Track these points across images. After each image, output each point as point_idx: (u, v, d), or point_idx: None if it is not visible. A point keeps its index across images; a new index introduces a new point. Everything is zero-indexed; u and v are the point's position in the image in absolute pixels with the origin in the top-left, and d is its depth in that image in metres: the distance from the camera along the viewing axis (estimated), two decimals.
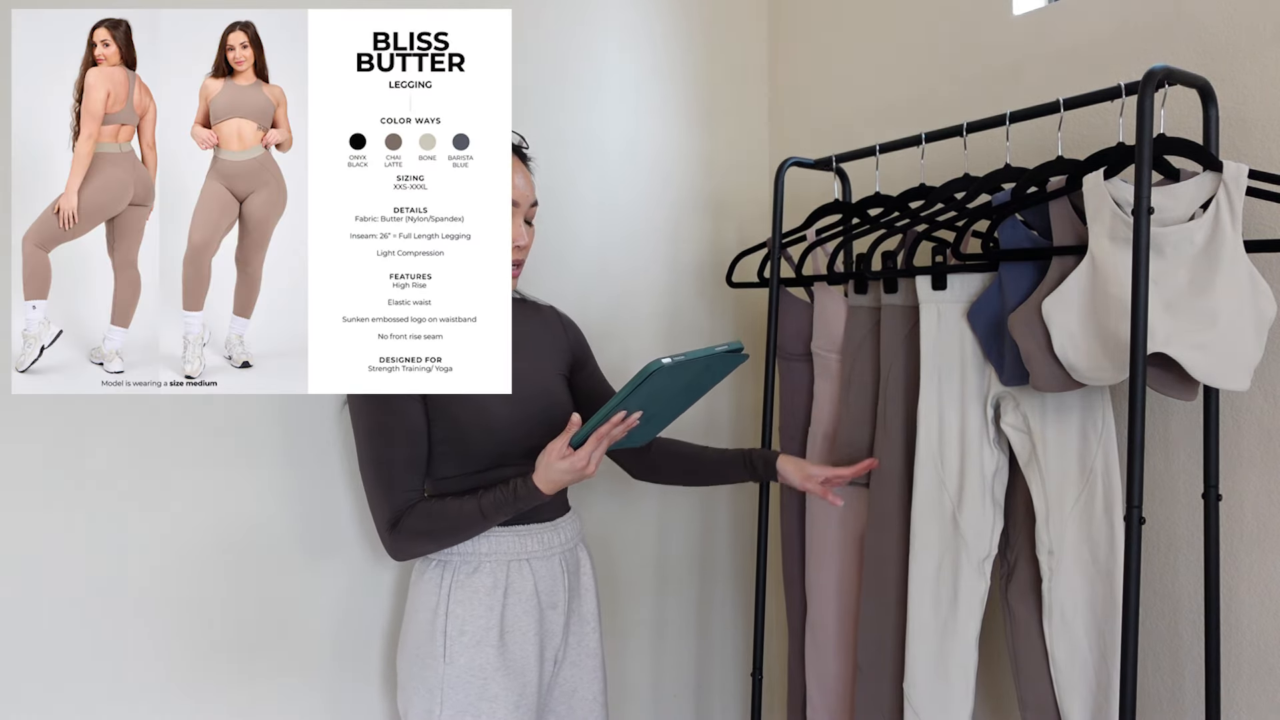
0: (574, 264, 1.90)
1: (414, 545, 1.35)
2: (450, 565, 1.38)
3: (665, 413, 1.36)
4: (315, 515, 1.55)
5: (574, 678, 1.47)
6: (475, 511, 1.33)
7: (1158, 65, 1.23)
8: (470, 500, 1.33)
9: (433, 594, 1.38)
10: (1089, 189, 1.33)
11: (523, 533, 1.41)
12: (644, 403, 1.26)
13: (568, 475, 1.29)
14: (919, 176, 1.66)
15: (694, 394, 1.37)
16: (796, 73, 2.19)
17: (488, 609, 1.36)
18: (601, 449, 1.27)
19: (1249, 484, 1.41)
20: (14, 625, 1.30)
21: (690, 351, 1.23)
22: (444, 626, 1.35)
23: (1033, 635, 1.46)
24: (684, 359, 1.21)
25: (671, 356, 1.19)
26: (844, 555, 1.72)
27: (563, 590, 1.44)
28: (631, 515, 2.02)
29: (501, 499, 1.32)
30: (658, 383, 1.22)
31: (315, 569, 1.55)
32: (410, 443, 1.34)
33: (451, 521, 1.33)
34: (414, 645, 1.38)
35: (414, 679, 1.37)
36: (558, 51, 1.88)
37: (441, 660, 1.34)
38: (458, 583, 1.37)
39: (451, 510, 1.33)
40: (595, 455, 1.27)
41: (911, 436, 1.58)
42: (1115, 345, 1.26)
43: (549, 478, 1.30)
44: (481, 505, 1.32)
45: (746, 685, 2.21)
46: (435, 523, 1.33)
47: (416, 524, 1.33)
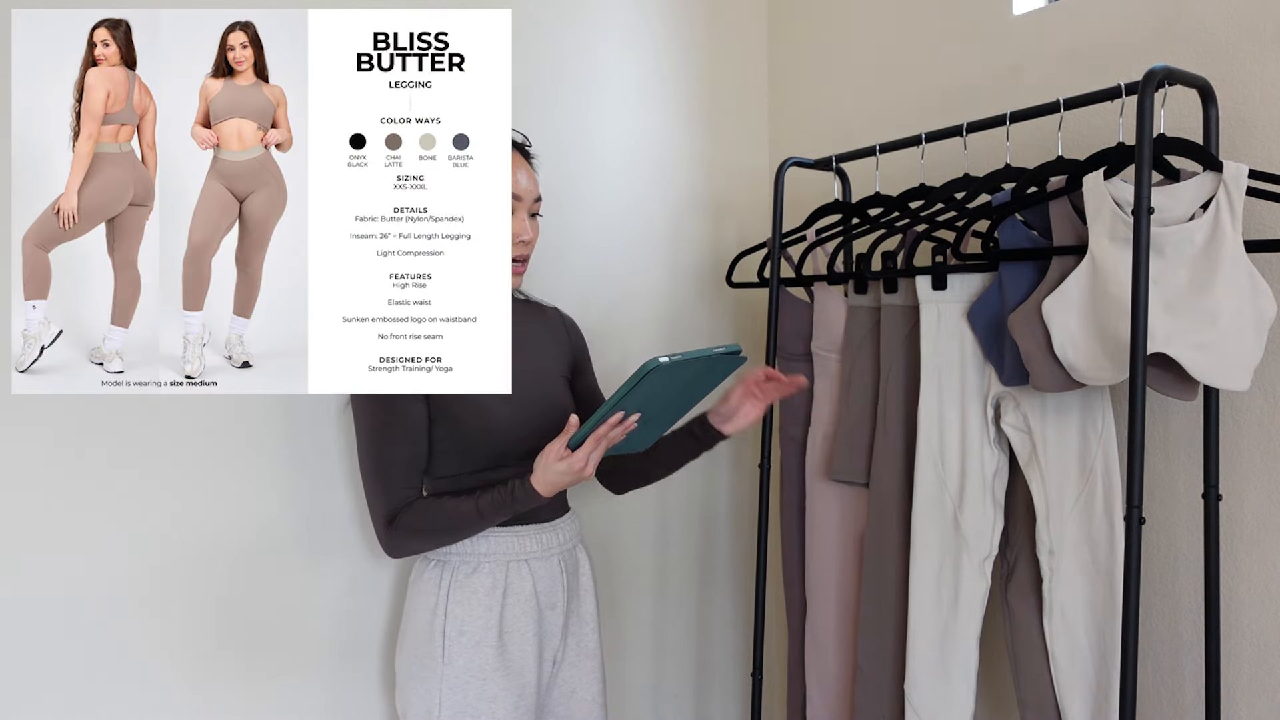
0: (574, 264, 1.90)
1: (409, 543, 1.35)
2: (449, 565, 1.38)
3: (664, 416, 1.35)
4: (316, 515, 1.55)
5: (573, 678, 1.47)
6: (472, 511, 1.32)
7: (1158, 65, 1.23)
8: (468, 500, 1.33)
9: (431, 594, 1.38)
10: (1089, 189, 1.33)
11: (521, 533, 1.40)
12: (642, 403, 1.25)
13: (565, 477, 1.28)
14: (919, 176, 1.66)
15: (692, 397, 1.36)
16: (796, 73, 2.19)
17: (486, 609, 1.36)
18: (600, 451, 1.26)
19: (1249, 484, 1.41)
20: (13, 625, 1.30)
21: (688, 351, 1.22)
22: (443, 627, 1.35)
23: (1033, 635, 1.46)
24: (681, 358, 1.20)
25: (669, 355, 1.19)
26: (844, 555, 1.71)
27: (561, 591, 1.44)
28: (631, 515, 2.02)
29: (499, 500, 1.32)
30: (655, 382, 1.21)
31: (316, 569, 1.55)
32: (411, 441, 1.35)
33: (448, 521, 1.33)
34: (413, 645, 1.38)
35: (413, 679, 1.37)
36: (558, 52, 1.88)
37: (440, 660, 1.34)
38: (456, 583, 1.37)
39: (449, 509, 1.33)
40: (593, 457, 1.26)
41: (911, 436, 1.58)
42: (1115, 345, 1.26)
43: (547, 479, 1.29)
44: (479, 505, 1.32)
45: (746, 685, 2.21)
46: (432, 521, 1.33)
47: (413, 522, 1.33)
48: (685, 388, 1.31)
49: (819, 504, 1.74)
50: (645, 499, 2.04)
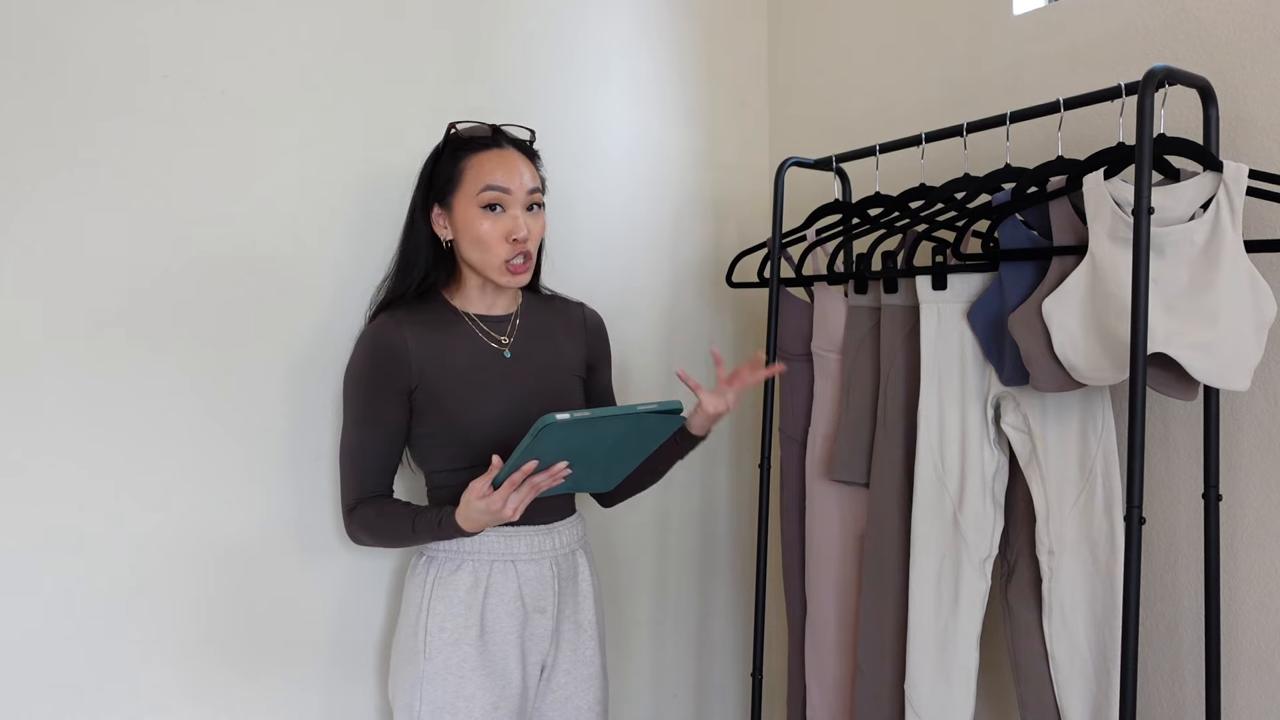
0: (574, 264, 1.90)
1: (358, 534, 1.39)
2: (435, 561, 1.39)
3: (611, 461, 1.29)
4: (311, 515, 1.54)
5: (568, 686, 1.45)
6: (408, 526, 1.33)
7: (1158, 65, 1.23)
8: (408, 514, 1.34)
9: (419, 590, 1.39)
10: (1089, 189, 1.33)
11: (510, 534, 1.39)
12: (555, 454, 1.18)
13: (485, 516, 1.23)
14: (919, 176, 1.66)
15: (641, 445, 1.28)
16: (796, 73, 2.19)
17: (467, 608, 1.36)
18: (522, 495, 1.20)
19: (1249, 484, 1.41)
20: (12, 625, 1.30)
21: (599, 410, 1.15)
22: (425, 622, 1.36)
23: (1033, 635, 1.46)
24: (585, 416, 1.13)
25: (571, 413, 1.12)
26: (844, 555, 1.72)
27: (552, 595, 1.42)
28: (631, 515, 2.02)
29: (428, 523, 1.32)
30: (556, 437, 1.14)
31: (312, 567, 1.55)
32: (385, 436, 1.37)
33: (388, 526, 1.35)
34: (402, 640, 1.39)
35: (399, 673, 1.38)
36: (558, 52, 1.88)
37: (422, 656, 1.35)
38: (440, 579, 1.37)
39: (389, 517, 1.35)
40: (513, 500, 1.20)
41: (911, 436, 1.58)
42: (1115, 345, 1.27)
43: (469, 515, 1.25)
44: (415, 523, 1.33)
45: (746, 685, 2.21)
46: (377, 521, 1.36)
47: (364, 516, 1.37)
48: (624, 438, 1.24)
49: (819, 504, 1.74)
50: (645, 499, 2.04)
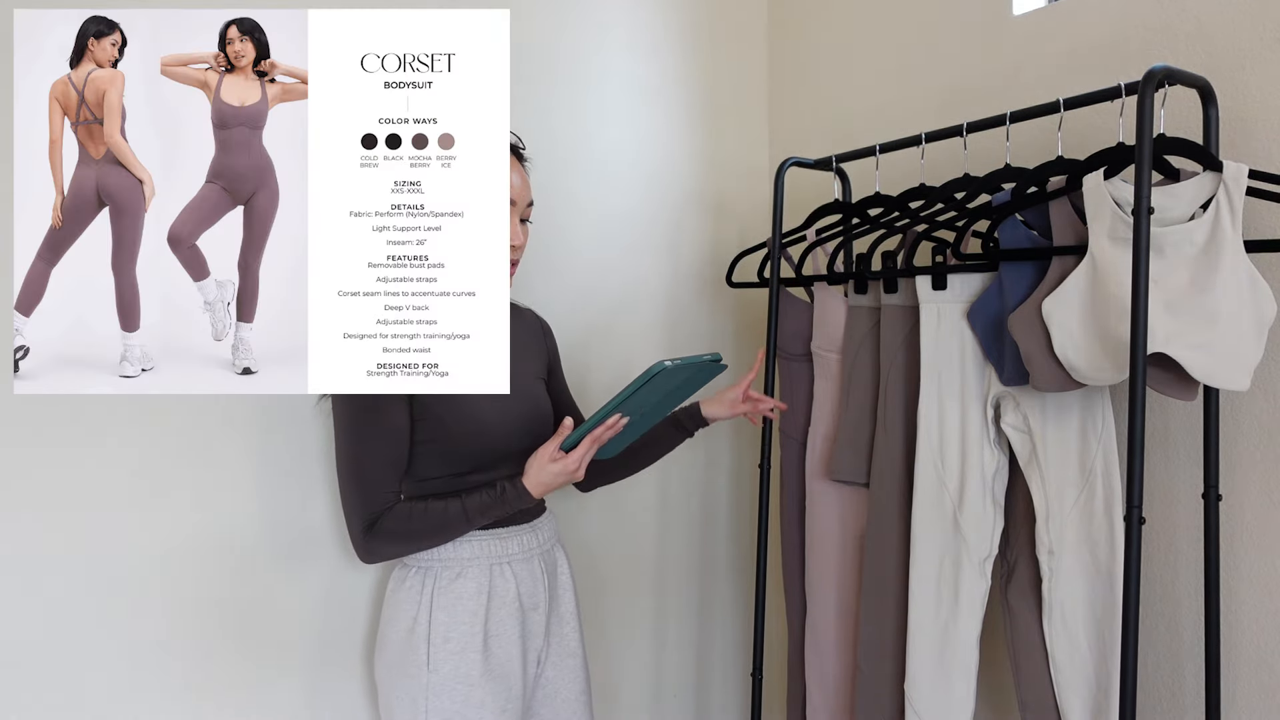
0: (574, 264, 1.90)
1: (388, 547, 1.32)
2: (432, 571, 1.36)
3: (643, 421, 1.40)
4: (297, 520, 1.53)
5: (555, 678, 1.46)
6: (460, 514, 1.31)
7: (1158, 65, 1.23)
8: (455, 502, 1.32)
9: (413, 601, 1.35)
10: (1089, 189, 1.33)
11: (504, 535, 1.39)
12: (637, 405, 1.30)
13: (559, 478, 1.32)
14: (919, 176, 1.66)
15: (672, 403, 1.42)
16: (796, 73, 2.19)
17: (472, 614, 1.34)
18: (592, 452, 1.31)
19: (1249, 484, 1.41)
20: (12, 624, 1.30)
21: (685, 357, 1.28)
22: (427, 634, 1.33)
23: (1033, 635, 1.46)
24: (681, 362, 1.26)
25: (671, 359, 1.25)
26: (844, 555, 1.72)
27: (543, 591, 1.43)
28: (632, 515, 2.02)
29: (488, 501, 1.32)
30: (657, 385, 1.26)
31: (297, 573, 1.53)
32: (393, 442, 1.31)
33: (435, 523, 1.31)
34: (394, 654, 1.35)
35: (395, 688, 1.34)
36: (557, 52, 1.88)
37: (425, 668, 1.32)
38: (440, 589, 1.35)
39: (435, 512, 1.31)
40: (586, 458, 1.31)
41: (911, 436, 1.58)
42: (1115, 345, 1.26)
43: (540, 480, 1.32)
44: (466, 507, 1.31)
45: (746, 685, 2.21)
46: (416, 524, 1.31)
47: (395, 526, 1.30)
48: (669, 394, 1.36)
49: (819, 504, 1.74)
50: (645, 499, 2.04)
